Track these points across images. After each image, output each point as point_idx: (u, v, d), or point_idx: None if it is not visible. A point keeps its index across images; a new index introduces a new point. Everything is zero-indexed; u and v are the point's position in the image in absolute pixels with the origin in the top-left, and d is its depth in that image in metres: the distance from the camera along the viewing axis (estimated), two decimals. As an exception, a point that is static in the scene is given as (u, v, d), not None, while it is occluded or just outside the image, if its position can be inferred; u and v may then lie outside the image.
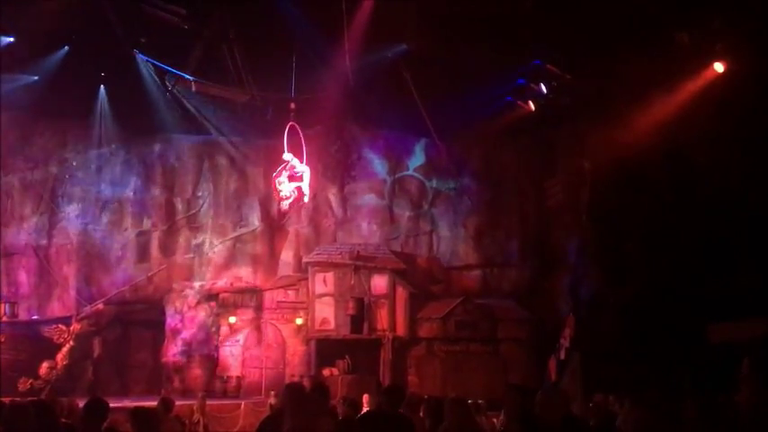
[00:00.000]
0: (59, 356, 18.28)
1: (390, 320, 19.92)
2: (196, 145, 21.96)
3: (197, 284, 20.94)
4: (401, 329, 19.96)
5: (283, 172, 16.19)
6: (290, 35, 16.76)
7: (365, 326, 19.71)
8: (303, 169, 16.20)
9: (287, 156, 16.21)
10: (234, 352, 20.06)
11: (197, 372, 20.17)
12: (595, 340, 18.02)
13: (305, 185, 16.35)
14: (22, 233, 20.48)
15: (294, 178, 16.29)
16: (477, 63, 17.34)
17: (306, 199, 16.81)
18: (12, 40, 16.68)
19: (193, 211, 21.80)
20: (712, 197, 17.12)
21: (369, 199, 21.97)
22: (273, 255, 21.68)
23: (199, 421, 13.89)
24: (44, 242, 20.70)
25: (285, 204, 16.80)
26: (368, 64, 17.94)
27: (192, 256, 21.46)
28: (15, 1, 15.00)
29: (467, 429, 5.82)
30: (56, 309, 20.30)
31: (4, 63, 16.92)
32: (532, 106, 19.32)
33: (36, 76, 18.48)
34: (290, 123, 16.29)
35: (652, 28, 15.47)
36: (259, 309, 20.35)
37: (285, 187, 16.15)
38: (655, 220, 18.74)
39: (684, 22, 15.37)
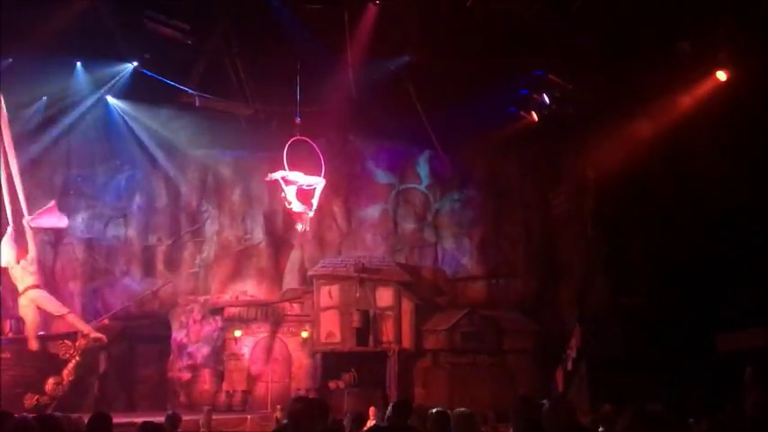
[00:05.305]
0: (65, 372, 18.24)
1: (396, 333, 19.84)
2: (200, 159, 22.01)
3: (202, 299, 20.95)
4: (407, 341, 19.90)
5: (291, 188, 15.78)
6: (293, 48, 16.79)
7: (371, 338, 19.64)
8: (315, 182, 15.72)
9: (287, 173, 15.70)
10: (239, 366, 20.04)
11: (203, 386, 20.17)
12: (602, 350, 17.96)
13: (316, 198, 15.85)
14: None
15: (302, 192, 15.87)
16: (480, 74, 17.36)
17: (312, 212, 16.30)
18: (11, 60, 16.78)
19: (198, 225, 21.85)
20: (716, 205, 17.08)
21: (373, 211, 21.96)
22: (278, 268, 21.67)
23: (205, 436, 13.88)
24: (49, 257, 20.73)
25: (301, 226, 16.24)
26: (371, 76, 17.97)
27: (197, 270, 21.47)
28: (17, 21, 15.00)
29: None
30: (61, 324, 20.28)
31: (5, 82, 16.99)
32: (535, 117, 19.32)
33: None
34: (296, 138, 15.76)
35: (654, 37, 15.48)
36: (264, 322, 20.34)
37: (295, 204, 15.65)
38: (660, 228, 18.69)
39: (686, 32, 15.37)
